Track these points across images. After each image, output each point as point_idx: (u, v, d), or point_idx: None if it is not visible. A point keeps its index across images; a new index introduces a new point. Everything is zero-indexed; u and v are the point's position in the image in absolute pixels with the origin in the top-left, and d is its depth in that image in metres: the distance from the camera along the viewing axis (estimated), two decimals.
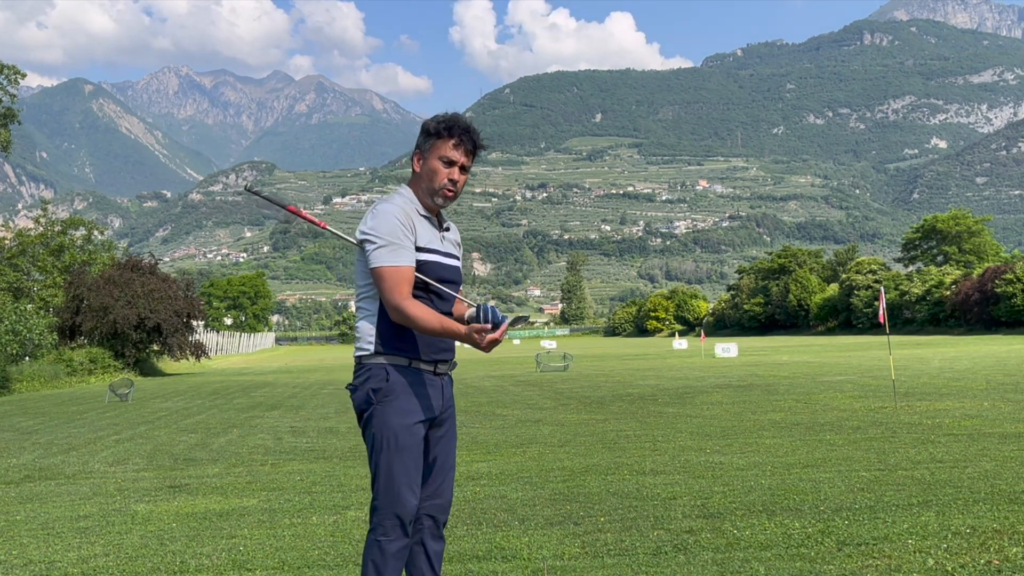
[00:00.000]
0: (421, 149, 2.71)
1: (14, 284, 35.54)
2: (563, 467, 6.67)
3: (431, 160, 2.66)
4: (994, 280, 51.01)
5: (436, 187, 2.66)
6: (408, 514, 2.56)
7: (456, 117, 2.70)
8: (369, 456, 2.64)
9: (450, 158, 2.65)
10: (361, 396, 2.63)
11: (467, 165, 2.70)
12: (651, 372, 20.58)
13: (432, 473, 2.72)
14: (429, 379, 2.66)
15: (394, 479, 2.56)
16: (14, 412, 14.96)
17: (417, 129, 3.21)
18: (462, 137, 2.65)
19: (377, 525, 2.58)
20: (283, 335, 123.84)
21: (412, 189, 2.72)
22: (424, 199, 2.70)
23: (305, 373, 28.00)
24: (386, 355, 2.61)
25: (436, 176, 2.65)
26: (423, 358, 2.63)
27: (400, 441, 2.56)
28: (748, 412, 10.33)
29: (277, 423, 11.25)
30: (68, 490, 6.54)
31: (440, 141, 2.66)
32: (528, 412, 11.38)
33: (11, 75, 31.20)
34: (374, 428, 2.61)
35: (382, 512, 2.57)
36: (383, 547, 2.55)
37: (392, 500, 2.55)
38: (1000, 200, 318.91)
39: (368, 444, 2.64)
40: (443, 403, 2.69)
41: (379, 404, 2.60)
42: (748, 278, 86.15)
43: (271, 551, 4.37)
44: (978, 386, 12.73)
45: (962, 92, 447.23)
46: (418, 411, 2.60)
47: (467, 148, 2.68)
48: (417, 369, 2.63)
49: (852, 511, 4.72)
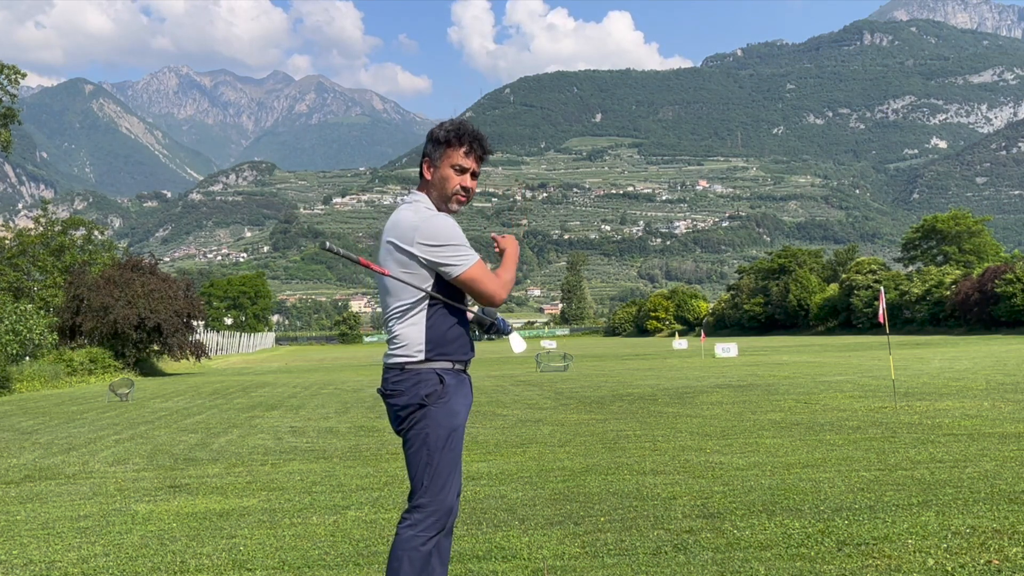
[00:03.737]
0: (431, 157, 2.79)
1: (14, 284, 35.54)
2: (563, 467, 6.68)
3: (443, 168, 2.75)
4: (994, 280, 50.99)
5: (449, 194, 2.76)
6: (452, 512, 2.67)
7: (464, 124, 2.79)
8: (415, 457, 2.68)
9: (462, 165, 2.75)
10: (407, 400, 2.69)
11: (477, 171, 2.80)
12: (651, 372, 20.58)
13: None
14: (467, 380, 2.79)
15: (444, 478, 2.66)
16: (14, 412, 14.97)
17: (417, 129, 3.25)
18: (472, 144, 2.76)
19: (420, 521, 2.64)
20: (283, 335, 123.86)
21: (425, 194, 2.79)
22: (438, 205, 2.78)
23: (305, 373, 28.01)
24: (436, 361, 2.71)
25: (448, 183, 2.75)
26: (461, 357, 2.74)
27: (451, 442, 2.67)
28: (748, 412, 10.33)
29: (277, 423, 11.25)
30: (68, 490, 6.54)
31: (451, 149, 2.75)
32: (528, 412, 11.39)
33: (11, 75, 31.20)
34: (428, 429, 2.67)
35: (428, 509, 2.64)
36: (425, 544, 2.62)
37: (441, 499, 2.64)
38: (1000, 200, 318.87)
39: (416, 445, 2.68)
40: (471, 403, 2.80)
41: (433, 407, 2.68)
42: (748, 278, 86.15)
43: (271, 551, 4.37)
44: (978, 386, 12.73)
45: (962, 92, 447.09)
46: (463, 412, 2.73)
47: (477, 155, 2.78)
48: (458, 372, 2.75)
49: (852, 511, 4.72)
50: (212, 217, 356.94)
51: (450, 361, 2.71)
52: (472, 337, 2.83)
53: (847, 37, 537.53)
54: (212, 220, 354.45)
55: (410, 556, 2.60)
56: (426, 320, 2.69)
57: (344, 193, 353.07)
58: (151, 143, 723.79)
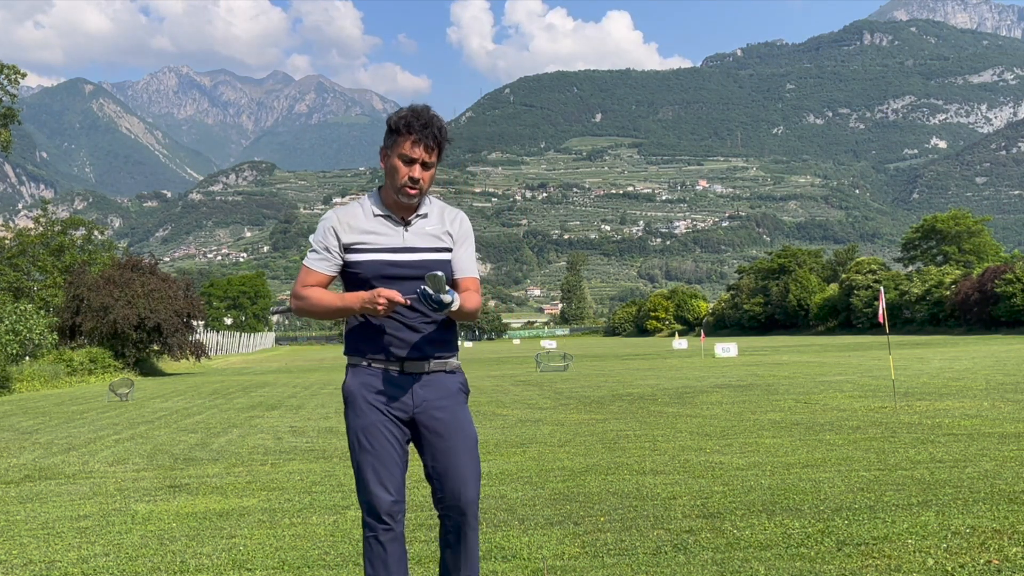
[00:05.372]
0: (385, 146, 2.67)
1: (14, 284, 35.61)
2: (563, 467, 6.68)
3: (392, 158, 2.61)
4: (994, 280, 51.02)
5: (398, 185, 2.62)
6: (380, 508, 2.60)
7: (416, 111, 2.61)
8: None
9: (409, 156, 2.58)
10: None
11: (429, 161, 2.61)
12: (651, 372, 20.59)
13: (434, 476, 2.71)
14: (393, 379, 2.65)
15: (363, 476, 2.63)
16: (14, 412, 14.97)
17: None
18: (421, 133, 2.57)
19: (362, 521, 2.70)
20: (283, 335, 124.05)
21: (384, 188, 2.72)
22: (389, 197, 2.68)
23: (305, 373, 28.02)
24: (349, 357, 2.71)
25: (396, 174, 2.60)
26: (378, 356, 2.64)
27: (361, 441, 2.63)
28: (748, 412, 10.33)
29: (277, 423, 11.25)
30: (68, 490, 6.54)
31: (400, 138, 2.59)
32: (528, 412, 11.39)
33: (11, 75, 31.21)
34: (346, 431, 2.73)
35: (361, 507, 2.69)
36: (368, 541, 2.65)
37: (364, 496, 2.64)
38: (1000, 200, 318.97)
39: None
40: (413, 404, 2.64)
41: (346, 406, 2.71)
42: (748, 278, 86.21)
43: (271, 551, 4.37)
44: (978, 386, 12.73)
45: (962, 92, 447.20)
46: (377, 412, 2.62)
47: (427, 144, 2.59)
48: (378, 371, 2.65)
49: (852, 511, 4.72)
50: (212, 217, 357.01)
51: (361, 356, 2.66)
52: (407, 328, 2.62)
53: (847, 37, 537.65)
54: (212, 220, 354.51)
55: (365, 554, 2.68)
56: (347, 318, 2.69)
57: (344, 193, 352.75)
58: (151, 143, 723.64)
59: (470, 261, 2.74)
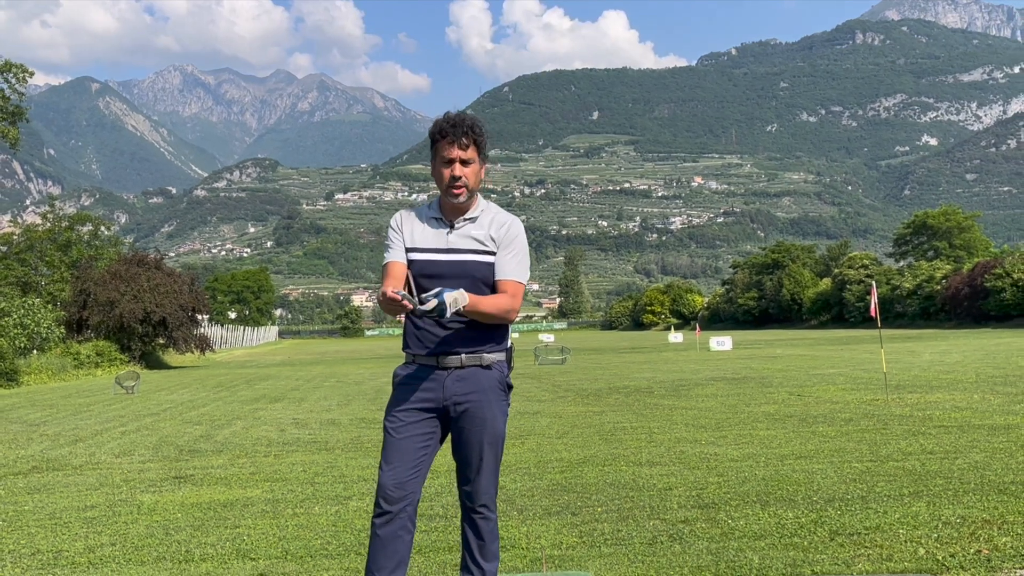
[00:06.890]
0: (431, 158, 2.86)
1: (22, 279, 35.73)
2: (561, 458, 6.75)
3: (436, 164, 2.82)
4: (984, 275, 51.25)
5: (444, 187, 2.81)
6: (384, 492, 2.73)
7: (448, 116, 2.79)
8: None
9: (448, 157, 2.75)
10: None
11: (467, 158, 2.76)
12: (647, 365, 20.67)
13: (459, 465, 2.89)
14: (430, 373, 2.80)
15: (381, 458, 2.82)
16: (22, 404, 14.97)
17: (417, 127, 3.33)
18: (453, 133, 2.74)
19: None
20: (286, 329, 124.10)
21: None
22: (445, 202, 2.85)
23: (308, 366, 28.04)
24: (403, 351, 2.90)
25: (441, 178, 2.80)
26: (420, 352, 2.81)
27: (386, 425, 2.82)
28: (742, 404, 10.42)
29: (280, 415, 11.31)
30: (75, 481, 6.59)
31: (437, 145, 2.80)
32: (526, 404, 11.46)
33: (19, 74, 31.07)
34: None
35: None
36: (373, 521, 2.78)
37: (378, 479, 2.79)
38: (989, 196, 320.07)
39: None
40: (444, 396, 2.77)
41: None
42: (742, 273, 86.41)
43: (275, 540, 4.44)
44: (968, 379, 12.85)
45: (952, 90, 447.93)
46: (408, 402, 2.79)
47: (461, 142, 2.74)
48: (419, 364, 2.82)
49: (844, 501, 4.80)
50: (216, 213, 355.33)
51: (408, 353, 2.86)
52: (426, 326, 2.78)
53: (839, 36, 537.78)
54: (216, 216, 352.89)
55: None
56: (405, 316, 2.84)
57: (346, 189, 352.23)
58: (156, 140, 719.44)
59: (509, 264, 2.83)
